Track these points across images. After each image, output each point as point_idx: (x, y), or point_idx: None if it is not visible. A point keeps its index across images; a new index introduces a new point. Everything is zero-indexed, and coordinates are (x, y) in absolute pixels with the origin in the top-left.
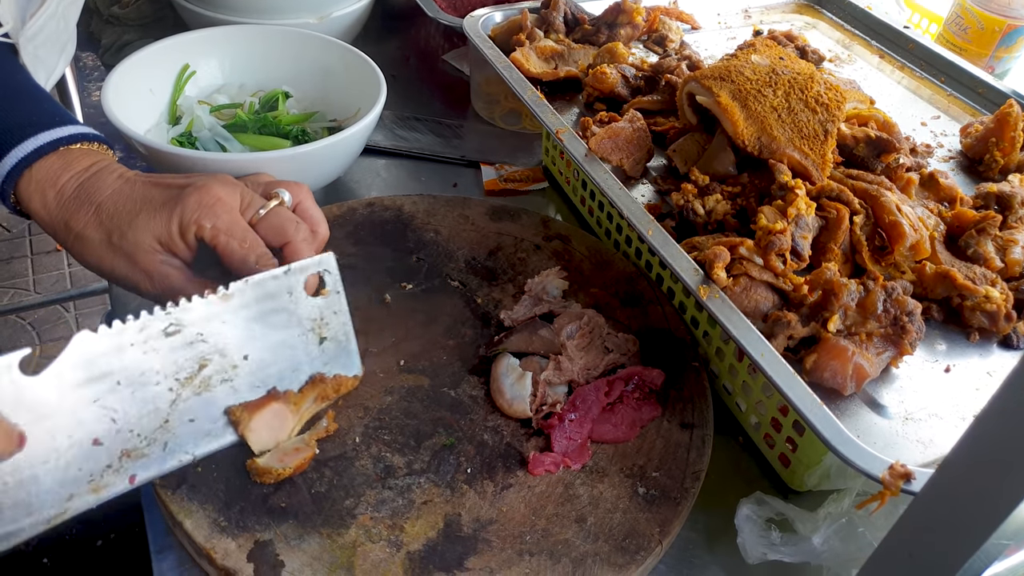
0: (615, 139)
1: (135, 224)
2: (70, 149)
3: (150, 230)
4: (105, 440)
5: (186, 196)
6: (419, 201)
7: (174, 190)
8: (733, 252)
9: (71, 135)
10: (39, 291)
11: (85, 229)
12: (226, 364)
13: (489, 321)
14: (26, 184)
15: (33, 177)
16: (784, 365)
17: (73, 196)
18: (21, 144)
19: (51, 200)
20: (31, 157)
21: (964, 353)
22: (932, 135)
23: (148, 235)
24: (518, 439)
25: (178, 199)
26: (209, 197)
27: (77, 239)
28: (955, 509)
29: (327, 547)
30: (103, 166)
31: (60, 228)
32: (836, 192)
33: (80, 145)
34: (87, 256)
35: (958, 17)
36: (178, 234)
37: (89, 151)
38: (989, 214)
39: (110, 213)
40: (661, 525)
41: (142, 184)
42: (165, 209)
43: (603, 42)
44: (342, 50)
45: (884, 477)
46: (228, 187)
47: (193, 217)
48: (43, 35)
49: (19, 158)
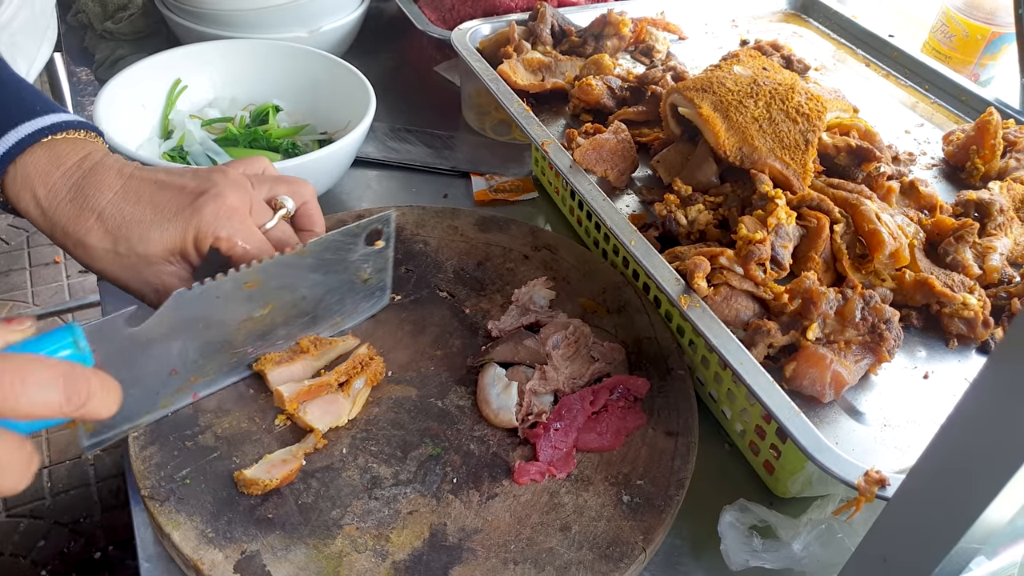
0: (599, 150)
1: (147, 238)
2: (55, 140)
3: (163, 243)
4: (180, 370)
5: (202, 207)
6: (408, 212)
7: (186, 196)
8: (714, 262)
9: (54, 124)
10: (38, 303)
11: (87, 237)
12: (287, 303)
13: (477, 331)
14: (11, 182)
15: (19, 174)
16: (763, 373)
17: (69, 199)
18: (1, 138)
19: (43, 200)
20: (13, 152)
21: (943, 359)
22: (916, 143)
23: (160, 247)
24: (504, 448)
25: (193, 210)
26: (225, 208)
27: (78, 245)
28: (925, 514)
29: (313, 557)
30: (97, 160)
31: (58, 233)
32: (816, 201)
33: (66, 134)
34: (90, 263)
35: (943, 25)
36: (193, 245)
37: (76, 140)
38: (967, 222)
39: (116, 222)
40: (645, 533)
41: (148, 186)
42: (179, 220)
43: (590, 54)
44: (331, 63)
45: (859, 483)
46: (239, 193)
47: (210, 229)
48: (17, 22)
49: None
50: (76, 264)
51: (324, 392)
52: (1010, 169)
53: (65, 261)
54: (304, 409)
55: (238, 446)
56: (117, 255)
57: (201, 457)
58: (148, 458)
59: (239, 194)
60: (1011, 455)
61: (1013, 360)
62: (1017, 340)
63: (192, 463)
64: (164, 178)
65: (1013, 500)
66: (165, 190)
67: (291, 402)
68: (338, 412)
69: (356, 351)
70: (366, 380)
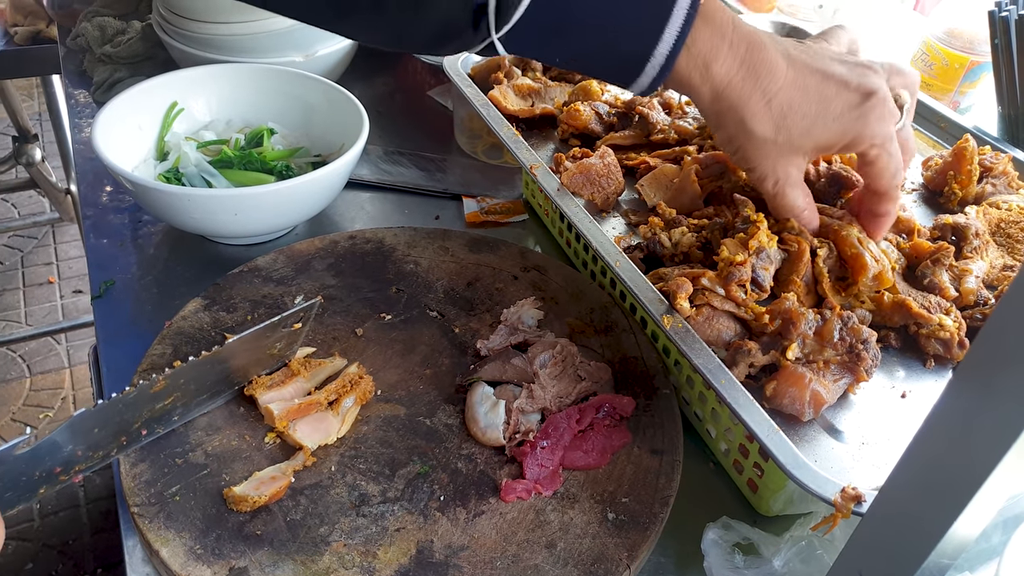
0: (586, 174)
1: (809, 132)
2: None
3: (821, 139)
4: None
5: (868, 112)
6: (400, 233)
7: (851, 95)
8: (696, 283)
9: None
10: (30, 323)
11: (752, 121)
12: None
13: (466, 351)
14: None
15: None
16: (743, 392)
17: (741, 77)
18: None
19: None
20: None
21: (921, 379)
22: None
23: (816, 142)
24: (491, 467)
25: (860, 113)
26: (888, 113)
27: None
28: (896, 529)
29: (301, 573)
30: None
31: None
32: (798, 228)
33: None
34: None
35: (924, 54)
36: (840, 147)
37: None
38: (943, 245)
39: (782, 112)
40: (629, 550)
41: (813, 77)
42: (843, 121)
43: (578, 80)
44: (325, 87)
45: (836, 500)
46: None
47: (871, 134)
48: None
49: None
50: (70, 284)
51: (314, 410)
52: (987, 194)
53: (59, 281)
54: (294, 427)
55: (228, 463)
56: (771, 142)
57: (191, 474)
58: (138, 475)
59: (890, 100)
60: (976, 471)
61: (975, 377)
62: (979, 358)
63: (182, 480)
64: (824, 67)
65: (980, 516)
66: (829, 83)
67: (281, 420)
68: (327, 430)
69: (346, 370)
70: (355, 399)
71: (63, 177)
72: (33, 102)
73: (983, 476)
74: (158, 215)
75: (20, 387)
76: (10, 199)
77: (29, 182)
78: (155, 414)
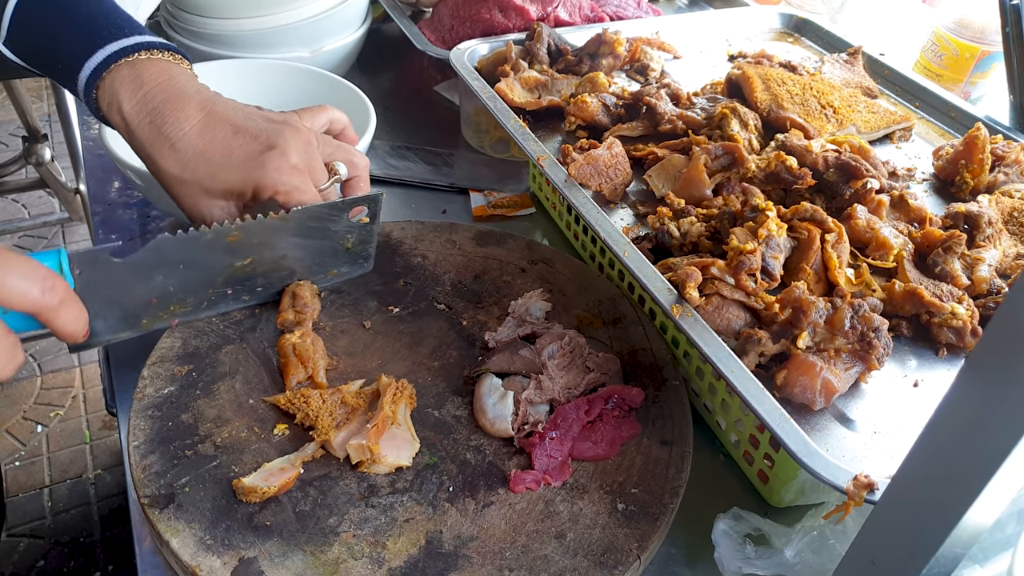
0: (594, 165)
1: (214, 177)
2: (139, 59)
3: (226, 184)
4: (159, 300)
5: (267, 162)
6: (407, 227)
7: (256, 146)
8: (705, 272)
9: (138, 43)
10: None
11: (161, 161)
12: (267, 259)
13: (474, 343)
14: (102, 96)
15: (107, 89)
16: (754, 381)
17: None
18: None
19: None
20: (100, 68)
21: (933, 368)
22: (907, 158)
23: (223, 187)
24: (500, 457)
25: (259, 163)
26: (288, 167)
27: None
28: (909, 517)
29: (310, 564)
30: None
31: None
32: (810, 213)
33: (149, 54)
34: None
35: (934, 45)
36: (251, 193)
37: (160, 61)
38: (955, 233)
39: (188, 155)
40: (639, 540)
41: (224, 128)
42: (245, 169)
43: (585, 72)
44: (332, 82)
45: (848, 487)
46: (303, 153)
47: (271, 183)
48: None
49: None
50: None
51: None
52: (999, 183)
53: None
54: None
55: (237, 455)
56: (182, 181)
57: (200, 465)
58: (148, 467)
59: (302, 154)
60: (989, 459)
61: (987, 366)
62: (991, 347)
63: (191, 471)
64: (240, 121)
65: (993, 505)
66: (239, 135)
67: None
68: (404, 440)
69: (380, 382)
70: (406, 405)
71: (72, 178)
72: (43, 103)
73: (996, 464)
74: (167, 209)
75: (31, 386)
76: (20, 199)
77: (39, 182)
78: (236, 272)
